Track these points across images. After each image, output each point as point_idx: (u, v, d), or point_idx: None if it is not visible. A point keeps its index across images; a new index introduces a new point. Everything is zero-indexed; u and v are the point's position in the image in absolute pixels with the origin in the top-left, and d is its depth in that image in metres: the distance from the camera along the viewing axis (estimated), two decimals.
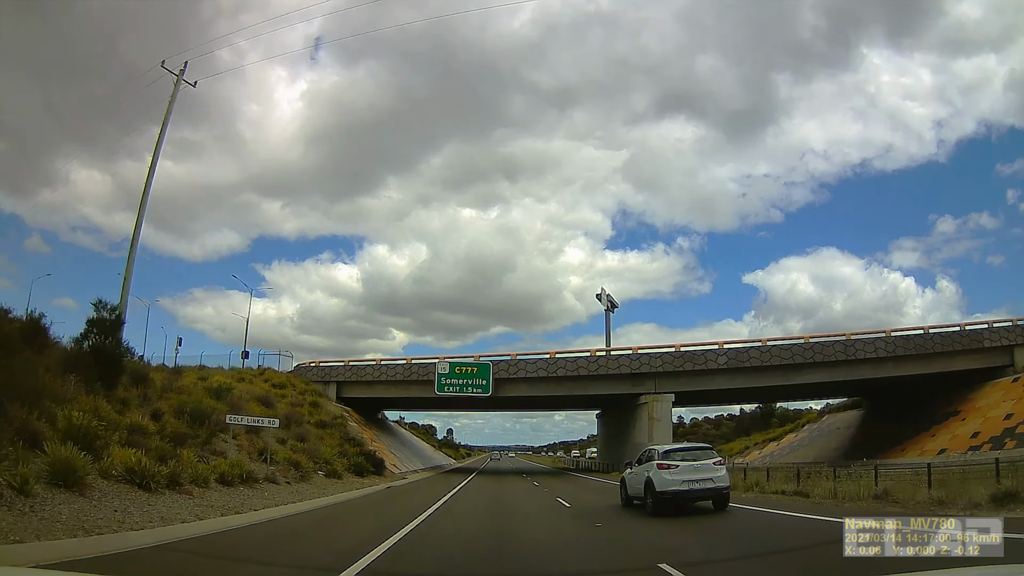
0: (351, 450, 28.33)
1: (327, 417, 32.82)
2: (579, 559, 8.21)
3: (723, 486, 13.07)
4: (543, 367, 36.59)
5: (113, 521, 8.56)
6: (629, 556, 8.54)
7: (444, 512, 14.65)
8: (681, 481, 12.70)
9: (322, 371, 42.43)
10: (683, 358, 35.68)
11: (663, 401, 35.25)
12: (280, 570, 7.37)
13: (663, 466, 12.98)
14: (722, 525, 11.28)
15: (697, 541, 9.62)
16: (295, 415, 28.67)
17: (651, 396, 35.42)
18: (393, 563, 7.51)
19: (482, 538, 10.22)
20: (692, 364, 35.47)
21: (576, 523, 12.47)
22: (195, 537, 9.09)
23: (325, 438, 28.41)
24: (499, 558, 8.23)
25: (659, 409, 35.10)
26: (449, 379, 36.78)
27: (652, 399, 35.30)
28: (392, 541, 9.04)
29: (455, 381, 36.70)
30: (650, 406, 35.20)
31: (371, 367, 40.99)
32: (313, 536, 10.16)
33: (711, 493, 12.94)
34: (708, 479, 12.85)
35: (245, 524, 11.02)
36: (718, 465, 13.38)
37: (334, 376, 41.85)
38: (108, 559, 6.93)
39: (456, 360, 37.76)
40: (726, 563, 7.73)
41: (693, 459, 13.39)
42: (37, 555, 6.53)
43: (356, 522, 12.94)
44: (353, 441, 30.48)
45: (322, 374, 42.23)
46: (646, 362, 35.74)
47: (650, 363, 35.65)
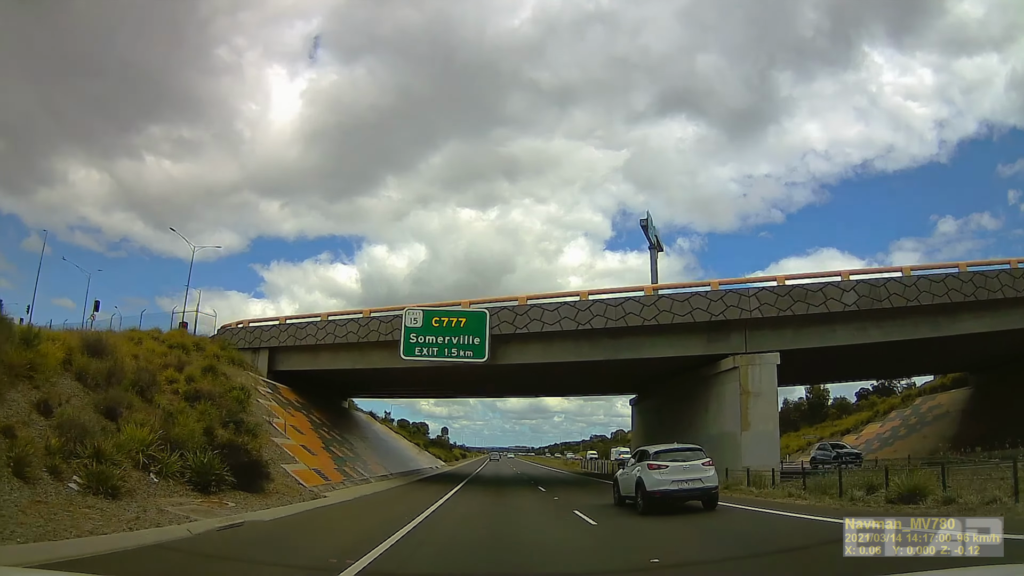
0: (224, 437, 15.38)
1: (220, 388, 19.87)
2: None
3: (711, 486, 13.40)
4: (568, 315, 23.36)
5: None
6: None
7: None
8: (671, 481, 13.11)
9: (251, 335, 29.68)
10: (791, 296, 22.36)
11: (763, 364, 21.95)
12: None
13: (653, 466, 13.46)
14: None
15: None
16: (151, 380, 16.08)
17: (743, 358, 22.16)
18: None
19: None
20: (806, 305, 22.18)
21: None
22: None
23: (190, 416, 15.49)
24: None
25: (757, 377, 21.81)
26: (422, 336, 23.72)
27: (745, 362, 22.04)
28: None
29: (433, 340, 23.65)
30: (742, 374, 21.92)
31: (314, 325, 28.08)
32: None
33: (700, 493, 13.30)
34: (697, 479, 13.21)
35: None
36: (707, 466, 13.58)
37: (265, 340, 29.08)
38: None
39: (435, 308, 24.69)
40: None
41: (683, 460, 13.69)
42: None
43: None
44: (242, 426, 17.50)
45: (251, 338, 29.50)
46: (733, 304, 22.45)
47: (740, 305, 22.39)
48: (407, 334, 23.75)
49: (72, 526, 7.89)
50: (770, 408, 21.83)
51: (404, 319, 24.01)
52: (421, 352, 23.59)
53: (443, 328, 23.64)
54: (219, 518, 10.59)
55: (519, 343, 24.34)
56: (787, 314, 22.24)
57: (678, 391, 28.58)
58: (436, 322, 23.73)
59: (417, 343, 23.64)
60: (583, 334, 23.41)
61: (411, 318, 23.89)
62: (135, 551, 7.56)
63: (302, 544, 8.97)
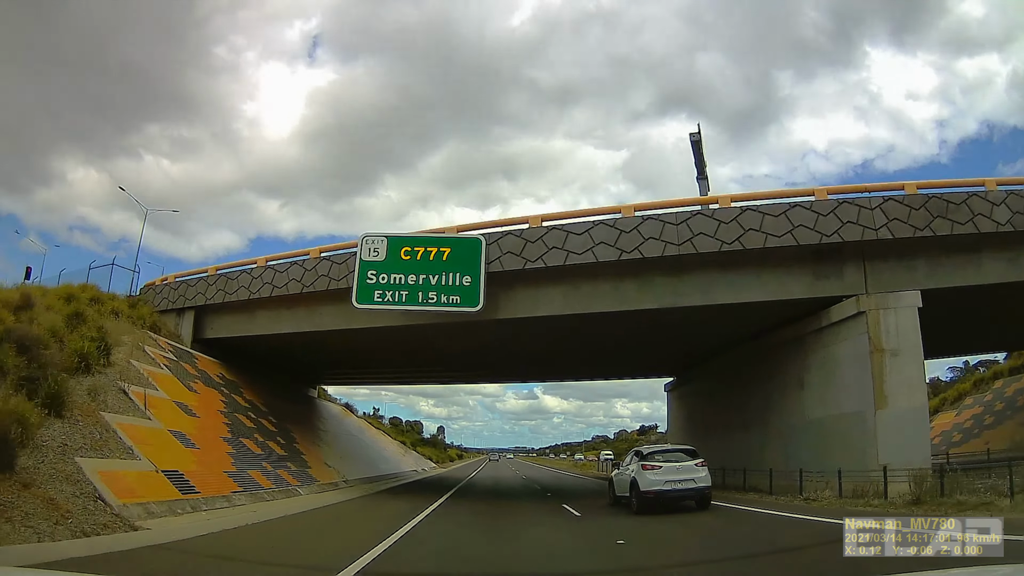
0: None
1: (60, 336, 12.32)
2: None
3: (704, 486, 13.50)
4: (607, 239, 15.65)
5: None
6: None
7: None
8: (664, 481, 13.32)
9: (175, 293, 22.22)
10: (926, 211, 14.75)
11: (900, 309, 14.37)
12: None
13: (647, 467, 13.70)
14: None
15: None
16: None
17: (871, 299, 14.61)
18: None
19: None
20: (949, 224, 14.60)
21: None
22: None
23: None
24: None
25: (894, 328, 14.24)
26: (386, 276, 16.13)
27: (875, 306, 14.48)
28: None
29: (401, 281, 16.06)
30: (872, 323, 14.35)
31: (247, 274, 20.52)
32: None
33: (693, 493, 13.44)
34: (690, 480, 13.39)
35: None
36: (700, 466, 13.68)
37: (191, 299, 21.58)
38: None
39: (407, 237, 17.05)
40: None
41: (676, 460, 13.94)
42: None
43: None
44: (38, 387, 9.91)
45: (174, 297, 22.09)
46: (851, 219, 14.84)
47: (860, 221, 14.80)
48: (364, 271, 16.12)
49: None
50: (917, 372, 14.19)
51: (359, 251, 16.38)
52: (383, 296, 15.93)
53: (416, 263, 16.03)
54: None
55: (530, 286, 16.67)
56: (924, 235, 14.67)
57: (742, 365, 20.97)
58: (406, 253, 16.11)
59: (377, 284, 16.01)
60: (627, 268, 15.71)
61: (370, 249, 16.28)
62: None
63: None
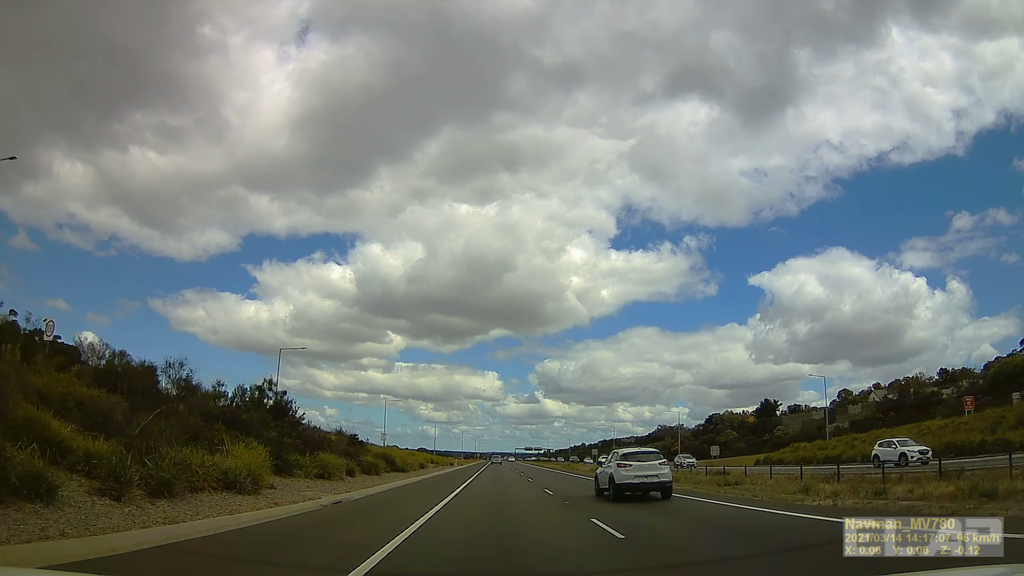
0: None
1: None
2: None
3: (666, 480, 17.26)
4: None
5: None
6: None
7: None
8: (634, 476, 16.91)
9: None
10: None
11: None
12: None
13: (622, 464, 17.31)
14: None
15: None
16: None
17: None
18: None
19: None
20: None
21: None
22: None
23: None
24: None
25: None
26: None
27: None
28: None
29: None
30: None
31: None
32: None
33: (657, 485, 17.02)
34: (655, 475, 17.03)
35: None
36: (662, 465, 17.70)
37: None
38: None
39: None
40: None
41: (644, 460, 17.78)
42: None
43: None
44: None
45: None
46: None
47: None
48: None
49: None
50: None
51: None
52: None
53: None
54: None
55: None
56: None
57: None
58: None
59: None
60: None
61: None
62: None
63: None
